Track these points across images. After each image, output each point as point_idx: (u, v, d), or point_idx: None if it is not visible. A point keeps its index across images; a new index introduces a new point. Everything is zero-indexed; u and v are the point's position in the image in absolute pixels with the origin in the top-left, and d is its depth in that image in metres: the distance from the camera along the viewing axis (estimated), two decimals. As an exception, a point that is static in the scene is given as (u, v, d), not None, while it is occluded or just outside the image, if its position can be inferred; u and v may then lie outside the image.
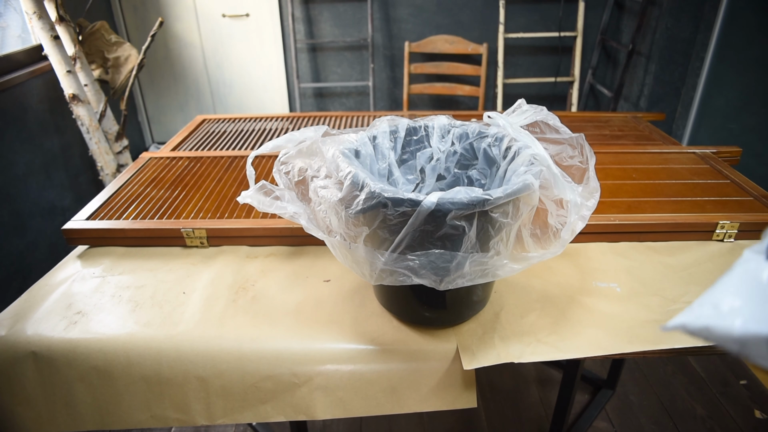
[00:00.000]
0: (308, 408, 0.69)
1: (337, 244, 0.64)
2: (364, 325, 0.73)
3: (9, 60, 1.96)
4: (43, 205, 2.03)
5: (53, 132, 2.11)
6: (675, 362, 1.67)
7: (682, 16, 2.24)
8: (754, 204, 0.97)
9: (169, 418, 0.71)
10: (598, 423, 1.45)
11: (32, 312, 0.77)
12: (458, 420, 1.46)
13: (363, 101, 3.03)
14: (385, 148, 0.76)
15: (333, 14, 2.77)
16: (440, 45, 2.67)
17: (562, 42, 2.72)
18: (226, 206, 0.97)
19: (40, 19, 1.84)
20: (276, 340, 0.71)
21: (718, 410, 1.48)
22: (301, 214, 0.67)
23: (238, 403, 0.70)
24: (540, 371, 1.64)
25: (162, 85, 3.02)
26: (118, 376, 0.70)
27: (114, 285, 0.83)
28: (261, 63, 2.94)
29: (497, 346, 0.69)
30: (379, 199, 0.56)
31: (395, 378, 0.69)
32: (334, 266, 0.86)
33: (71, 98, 1.96)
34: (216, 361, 0.70)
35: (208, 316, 0.75)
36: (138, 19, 2.85)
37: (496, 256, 0.60)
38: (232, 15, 2.82)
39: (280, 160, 0.71)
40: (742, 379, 1.60)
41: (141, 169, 1.14)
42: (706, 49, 2.25)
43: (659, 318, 0.74)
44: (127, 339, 0.71)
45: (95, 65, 2.17)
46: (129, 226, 0.91)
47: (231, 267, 0.87)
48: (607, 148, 1.24)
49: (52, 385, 0.72)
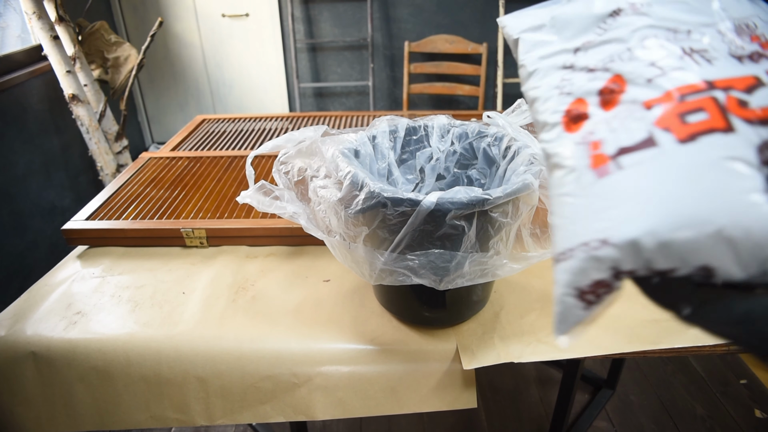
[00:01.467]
0: (308, 408, 0.69)
1: (336, 243, 0.64)
2: (364, 325, 0.73)
3: (9, 60, 1.96)
4: (43, 205, 2.03)
5: (53, 132, 2.11)
6: (675, 362, 1.67)
7: (682, 16, 2.24)
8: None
9: (169, 419, 0.71)
10: (598, 423, 1.44)
11: (32, 312, 0.77)
12: (458, 420, 1.46)
13: (363, 101, 3.03)
14: (384, 147, 0.76)
15: (333, 14, 2.77)
16: (440, 45, 2.67)
17: (562, 42, 2.72)
18: (226, 206, 0.97)
19: (40, 19, 1.84)
20: (276, 340, 0.71)
21: (718, 410, 1.48)
22: (300, 214, 0.67)
23: (237, 403, 0.70)
24: (540, 371, 1.64)
25: (162, 85, 3.02)
26: (117, 377, 0.70)
27: (114, 285, 0.83)
28: (261, 63, 2.93)
29: (497, 346, 0.69)
30: (379, 198, 0.56)
31: (395, 378, 0.69)
32: (333, 266, 0.86)
33: (71, 98, 1.96)
34: (215, 362, 0.69)
35: (208, 316, 0.75)
36: (138, 19, 2.85)
37: (495, 256, 0.60)
38: (231, 15, 2.82)
39: (280, 160, 0.71)
40: (742, 379, 1.60)
41: (141, 169, 1.14)
42: (706, 49, 2.25)
43: (659, 318, 0.73)
44: (127, 339, 0.71)
45: (95, 65, 2.17)
46: (129, 226, 0.91)
47: (231, 267, 0.87)
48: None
49: (52, 386, 0.72)
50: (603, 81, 0.36)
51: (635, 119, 0.32)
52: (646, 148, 0.31)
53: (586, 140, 0.35)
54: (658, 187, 0.29)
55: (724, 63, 0.33)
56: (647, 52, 0.36)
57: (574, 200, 0.33)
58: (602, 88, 0.36)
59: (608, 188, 0.31)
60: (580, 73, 0.38)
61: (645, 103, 0.33)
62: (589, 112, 0.36)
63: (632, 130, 0.32)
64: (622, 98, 0.35)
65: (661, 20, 0.37)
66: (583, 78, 0.38)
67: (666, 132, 0.31)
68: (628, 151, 0.31)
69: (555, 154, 0.37)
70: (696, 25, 0.36)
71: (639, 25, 0.37)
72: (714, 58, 0.34)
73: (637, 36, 0.37)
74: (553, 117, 0.38)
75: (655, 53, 0.35)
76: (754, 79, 0.32)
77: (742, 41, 0.35)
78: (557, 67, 0.40)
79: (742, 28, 0.35)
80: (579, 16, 0.41)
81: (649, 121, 0.32)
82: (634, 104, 0.33)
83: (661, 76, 0.34)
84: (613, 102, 0.35)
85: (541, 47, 0.42)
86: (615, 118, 0.34)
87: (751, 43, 0.34)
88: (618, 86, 0.35)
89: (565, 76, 0.39)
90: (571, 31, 0.41)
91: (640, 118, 0.32)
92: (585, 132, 0.35)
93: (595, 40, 0.39)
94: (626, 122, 0.33)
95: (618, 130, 0.33)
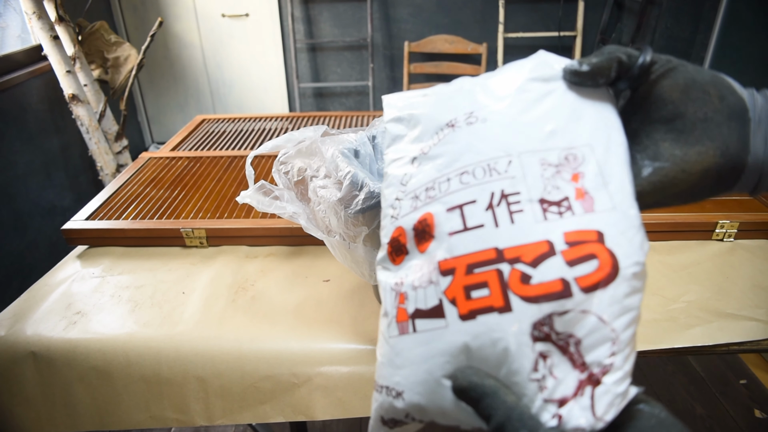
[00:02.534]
0: (307, 408, 0.69)
1: (336, 243, 0.64)
2: (364, 325, 0.73)
3: (9, 60, 1.96)
4: (43, 205, 2.03)
5: (53, 132, 2.11)
6: (675, 362, 1.67)
7: (682, 16, 2.24)
8: (753, 203, 0.96)
9: (168, 419, 0.71)
10: (598, 423, 1.44)
11: (32, 312, 0.77)
12: (458, 420, 1.46)
13: (363, 101, 3.03)
14: (384, 147, 0.76)
15: (333, 14, 2.77)
16: (440, 45, 2.67)
17: (561, 42, 2.72)
18: (226, 206, 0.97)
19: (40, 19, 1.84)
20: (275, 340, 0.71)
21: (718, 410, 1.48)
22: (300, 214, 0.67)
23: (237, 403, 0.70)
24: (540, 371, 1.63)
25: (162, 85, 3.02)
26: (117, 377, 0.70)
27: (113, 285, 0.83)
28: (261, 63, 2.93)
29: (497, 346, 0.69)
30: (379, 198, 0.56)
31: (395, 378, 0.69)
32: (333, 266, 0.86)
33: (71, 98, 1.96)
34: (215, 362, 0.69)
35: (208, 316, 0.75)
36: (138, 19, 2.85)
37: (495, 256, 0.60)
38: (231, 15, 2.82)
39: (280, 159, 0.71)
40: (741, 379, 1.60)
41: (140, 169, 1.14)
42: (706, 49, 2.25)
43: (659, 318, 0.74)
44: (127, 339, 0.71)
45: (95, 65, 2.17)
46: (128, 226, 0.91)
47: (230, 267, 0.87)
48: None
49: (52, 386, 0.71)
50: (419, 214, 0.37)
51: (431, 283, 0.35)
52: (436, 317, 0.34)
53: (396, 289, 0.37)
54: (431, 361, 0.34)
55: (525, 218, 0.32)
56: (457, 195, 0.35)
57: (386, 345, 0.37)
58: (416, 225, 0.37)
59: (404, 347, 0.35)
60: (408, 198, 0.39)
61: (441, 264, 0.34)
62: (408, 247, 0.38)
63: (428, 296, 0.34)
64: (429, 246, 0.36)
65: (487, 144, 0.35)
66: (408, 205, 0.38)
67: (452, 305, 0.33)
68: (422, 316, 0.34)
69: (381, 283, 0.39)
70: (518, 153, 0.34)
71: (462, 148, 0.36)
72: (518, 210, 0.33)
73: (457, 165, 0.36)
74: (384, 240, 0.40)
75: (462, 196, 0.35)
76: (546, 245, 0.31)
77: (559, 180, 0.33)
78: (398, 180, 0.41)
79: (568, 160, 0.33)
80: (427, 116, 0.41)
81: (441, 290, 0.34)
82: (432, 263, 0.35)
83: (459, 234, 0.34)
84: (424, 245, 0.36)
85: (396, 144, 0.43)
86: (418, 273, 0.36)
87: (569, 182, 0.33)
88: (428, 230, 0.36)
89: (399, 194, 0.40)
90: (417, 131, 0.41)
91: (435, 282, 0.34)
92: (400, 276, 0.38)
93: (430, 152, 0.39)
94: (424, 283, 0.35)
95: (418, 289, 0.35)
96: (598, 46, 2.68)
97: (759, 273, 0.84)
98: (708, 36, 2.24)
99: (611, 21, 2.66)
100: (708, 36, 2.24)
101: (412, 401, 0.35)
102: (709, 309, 0.75)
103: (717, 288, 0.80)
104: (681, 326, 0.72)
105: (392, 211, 0.40)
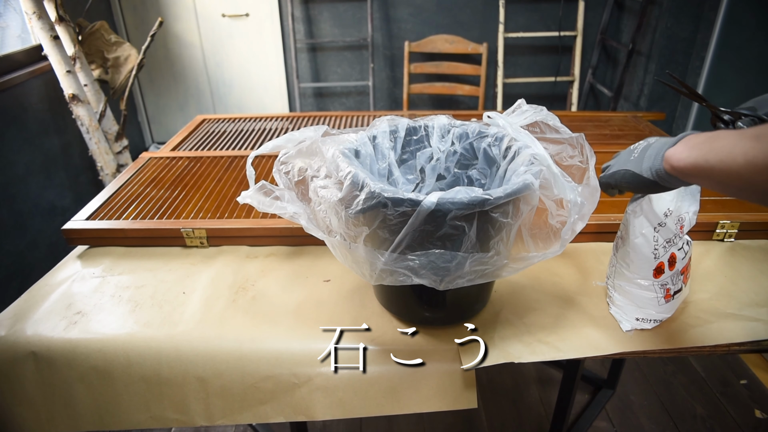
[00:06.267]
0: (308, 408, 0.69)
1: (337, 244, 0.64)
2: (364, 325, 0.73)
3: (9, 60, 1.95)
4: (43, 205, 2.03)
5: (53, 132, 2.11)
6: (675, 362, 1.67)
7: (682, 16, 2.24)
8: (753, 204, 0.96)
9: (169, 419, 0.71)
10: (598, 423, 1.44)
11: (32, 312, 0.77)
12: (458, 420, 1.46)
13: (363, 101, 3.03)
14: (385, 148, 0.76)
15: (333, 14, 2.77)
16: (440, 45, 2.67)
17: (562, 41, 2.72)
18: (226, 206, 0.97)
19: (40, 19, 1.84)
20: (276, 340, 0.71)
21: (718, 410, 1.48)
22: (301, 214, 0.67)
23: (237, 403, 0.70)
24: (540, 371, 1.63)
25: (162, 85, 3.01)
26: (117, 377, 0.70)
27: (114, 285, 0.83)
28: (261, 63, 2.93)
29: (497, 346, 0.69)
30: (379, 199, 0.56)
31: (395, 378, 0.69)
32: (334, 266, 0.86)
33: (71, 98, 1.96)
34: (216, 362, 0.69)
35: (208, 316, 0.75)
36: (138, 19, 2.84)
37: (496, 256, 0.60)
38: (231, 15, 2.82)
39: (280, 160, 0.71)
40: (742, 379, 1.60)
41: (141, 169, 1.14)
42: (707, 49, 2.25)
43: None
44: (127, 339, 0.71)
45: (95, 65, 2.17)
46: (129, 226, 0.91)
47: (231, 267, 0.87)
48: (608, 147, 1.23)
49: (52, 386, 0.71)
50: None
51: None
52: None
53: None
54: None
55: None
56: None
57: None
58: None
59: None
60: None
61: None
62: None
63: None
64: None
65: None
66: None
67: None
68: None
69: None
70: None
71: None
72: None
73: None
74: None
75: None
76: None
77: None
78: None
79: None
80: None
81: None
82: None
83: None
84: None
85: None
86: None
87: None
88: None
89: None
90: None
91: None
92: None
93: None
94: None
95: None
96: (598, 45, 2.68)
97: (759, 273, 0.83)
98: (708, 36, 2.24)
99: (611, 20, 2.66)
100: (708, 36, 2.24)
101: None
102: (710, 309, 0.75)
103: (717, 288, 0.80)
104: (681, 326, 0.72)
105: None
